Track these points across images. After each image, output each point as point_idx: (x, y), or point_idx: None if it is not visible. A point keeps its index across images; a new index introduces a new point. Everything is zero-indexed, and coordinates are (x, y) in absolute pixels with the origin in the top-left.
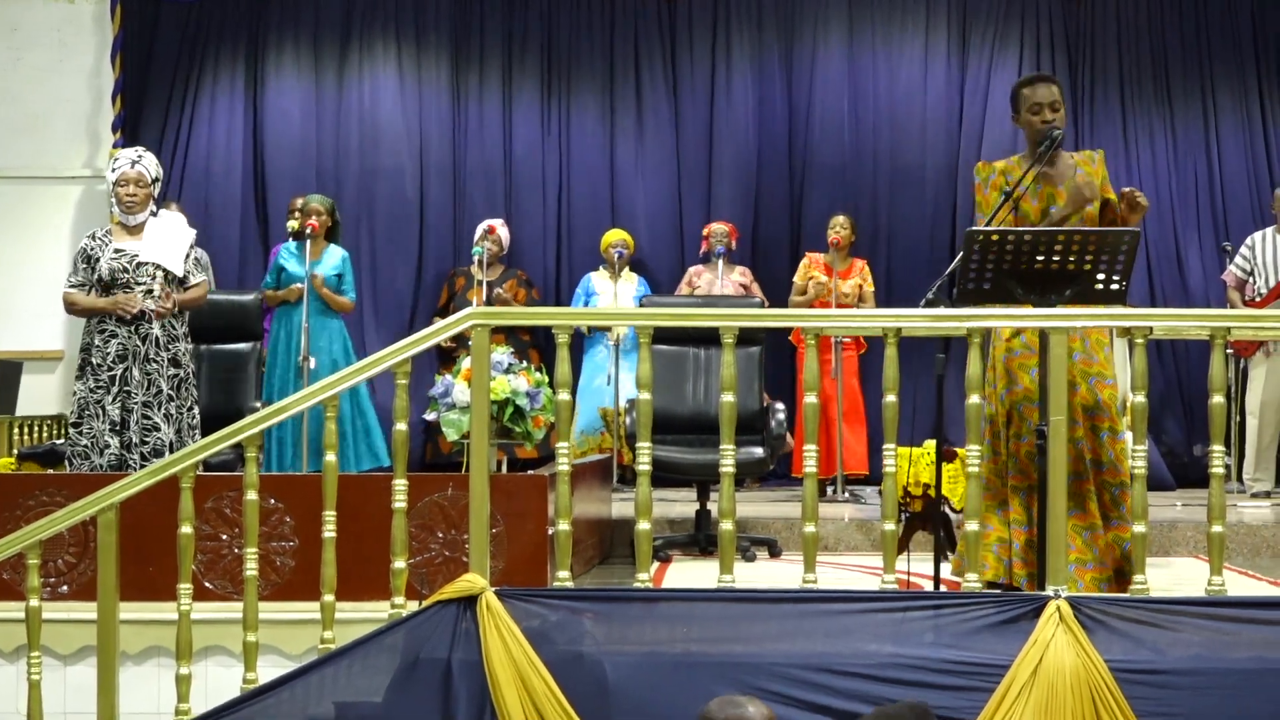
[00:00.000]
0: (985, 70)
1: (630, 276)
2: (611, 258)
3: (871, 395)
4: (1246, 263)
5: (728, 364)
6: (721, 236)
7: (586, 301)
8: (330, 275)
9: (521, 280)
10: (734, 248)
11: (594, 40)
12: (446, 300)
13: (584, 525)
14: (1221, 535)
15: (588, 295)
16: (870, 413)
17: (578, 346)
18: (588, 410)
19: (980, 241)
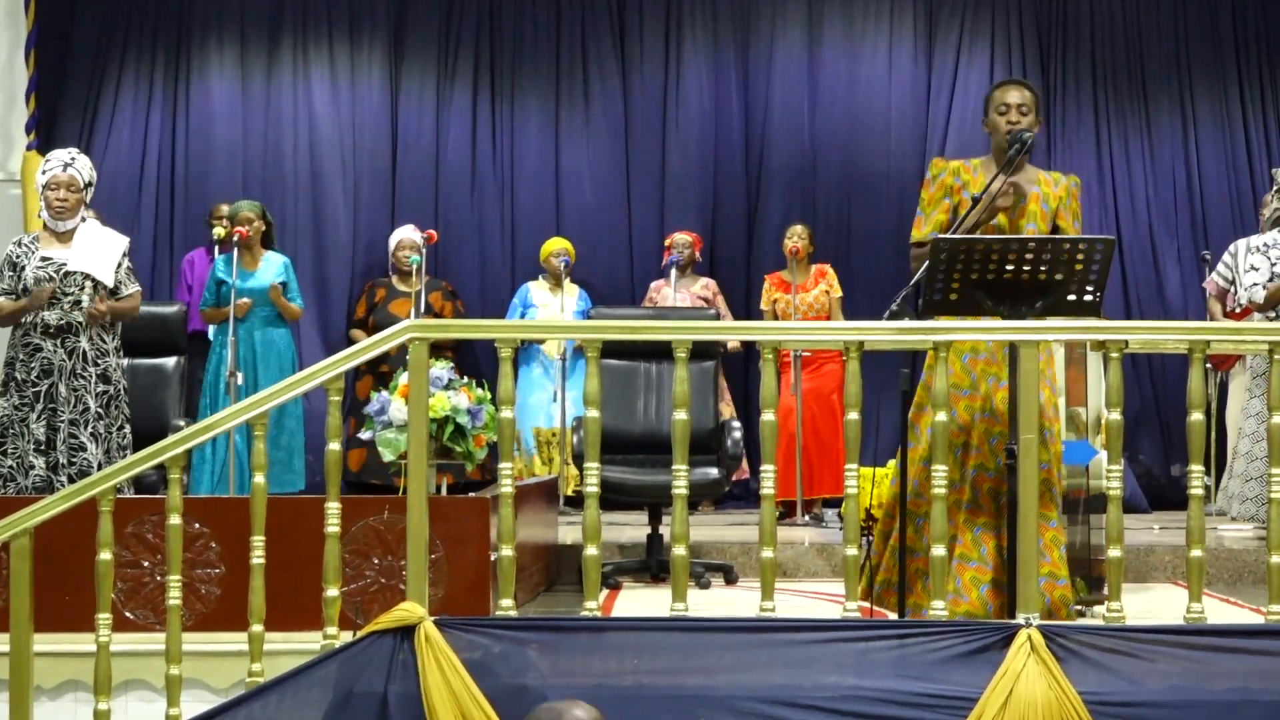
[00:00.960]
0: (953, 69)
1: (571, 288)
2: (554, 268)
3: None
4: (1229, 270)
5: (680, 380)
6: (682, 246)
7: (524, 314)
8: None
9: (447, 292)
10: (698, 259)
11: (539, 36)
12: (365, 312)
13: (529, 550)
14: (1201, 560)
15: (525, 307)
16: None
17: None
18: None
19: (948, 250)
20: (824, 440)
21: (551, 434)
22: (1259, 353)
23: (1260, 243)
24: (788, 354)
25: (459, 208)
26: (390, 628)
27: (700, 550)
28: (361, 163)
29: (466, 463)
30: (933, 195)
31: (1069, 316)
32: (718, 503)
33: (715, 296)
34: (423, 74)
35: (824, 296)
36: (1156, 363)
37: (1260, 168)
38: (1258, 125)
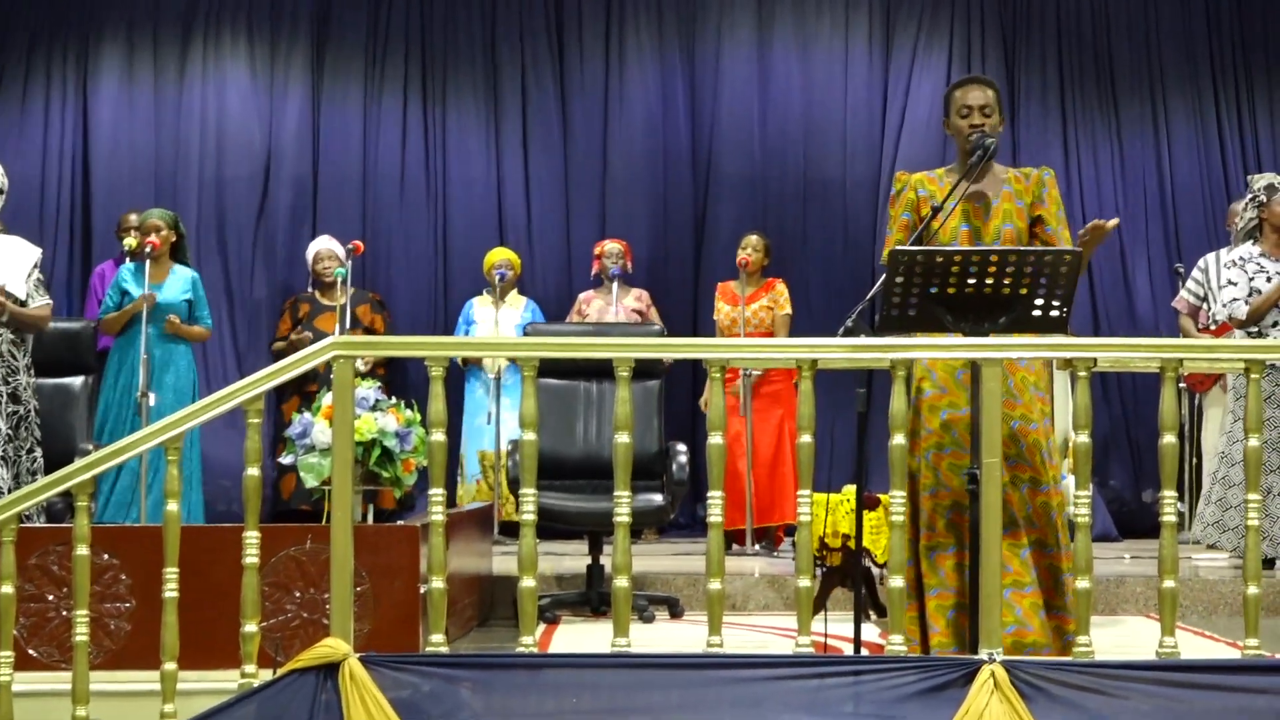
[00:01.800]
0: (910, 70)
1: (516, 301)
2: (494, 280)
3: None
4: (1200, 287)
5: (622, 400)
6: (615, 256)
7: (467, 330)
8: (179, 300)
9: (375, 303)
10: (629, 268)
11: (473, 36)
12: (289, 329)
13: (461, 582)
14: (1174, 591)
15: (468, 323)
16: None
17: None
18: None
19: (905, 263)
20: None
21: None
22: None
23: (1235, 256)
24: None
25: (387, 217)
26: (312, 665)
27: (643, 582)
28: (281, 169)
29: (394, 489)
30: (895, 213)
31: (1034, 333)
32: (662, 531)
33: (648, 309)
34: (347, 74)
35: (766, 311)
36: (1127, 382)
37: (1235, 174)
38: (1232, 129)
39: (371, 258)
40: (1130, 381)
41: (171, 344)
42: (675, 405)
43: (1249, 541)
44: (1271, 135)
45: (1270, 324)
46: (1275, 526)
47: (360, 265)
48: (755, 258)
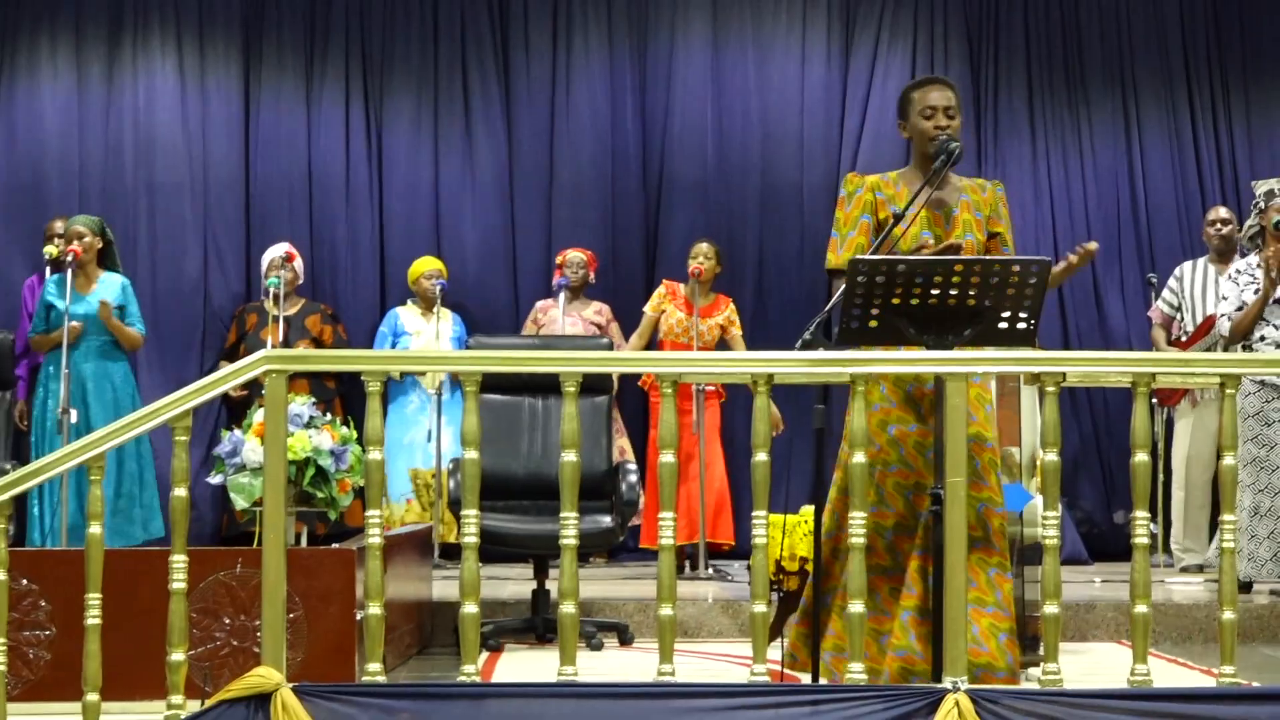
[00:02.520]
0: (872, 73)
1: (444, 313)
2: (426, 290)
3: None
4: (1175, 296)
5: (569, 416)
6: (578, 266)
7: (394, 342)
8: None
9: (327, 315)
10: (593, 280)
11: (412, 34)
12: (236, 340)
13: (399, 608)
14: (1146, 616)
15: (395, 335)
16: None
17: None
18: (398, 474)
19: (865, 272)
20: None
21: (430, 476)
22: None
23: (1233, 270)
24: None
25: (325, 224)
26: (243, 696)
27: (591, 608)
28: (213, 173)
29: (329, 510)
30: (850, 215)
31: (1000, 346)
32: (611, 554)
33: (609, 323)
34: (281, 74)
35: (718, 329)
36: (1097, 398)
37: (1210, 181)
38: (1208, 134)
39: (311, 266)
40: (1101, 397)
41: (107, 361)
42: (626, 422)
43: (1223, 565)
44: (1248, 141)
45: (1257, 338)
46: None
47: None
48: (708, 266)
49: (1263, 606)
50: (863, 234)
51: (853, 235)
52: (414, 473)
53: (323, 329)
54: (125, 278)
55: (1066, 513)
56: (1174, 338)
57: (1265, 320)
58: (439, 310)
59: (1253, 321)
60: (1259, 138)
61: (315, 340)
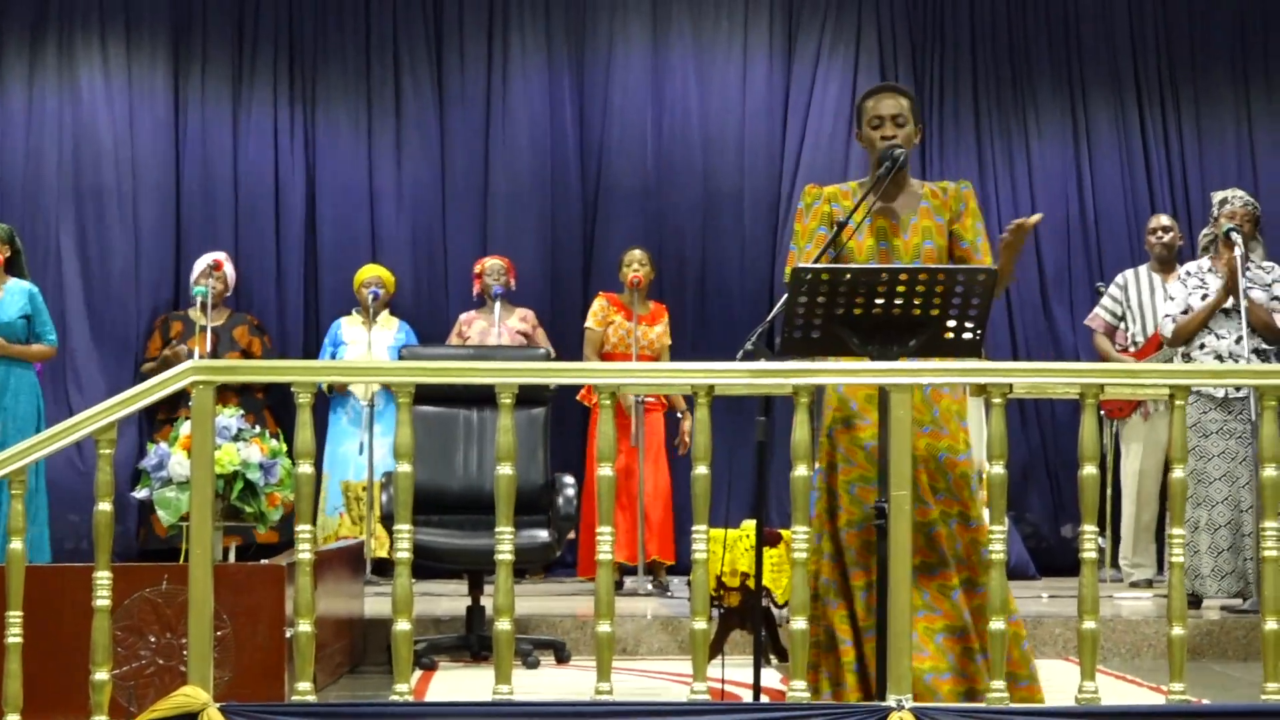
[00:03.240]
0: (814, 76)
1: (389, 322)
2: (365, 299)
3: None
4: (1118, 305)
5: (505, 429)
6: (497, 274)
7: (334, 353)
8: (15, 319)
9: (253, 326)
10: (513, 287)
11: (345, 36)
12: (159, 348)
13: (330, 626)
14: (1094, 633)
15: (335, 345)
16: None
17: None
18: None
19: (809, 281)
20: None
21: (362, 489)
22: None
23: (1183, 271)
24: None
25: (253, 231)
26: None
27: (527, 625)
28: (141, 179)
29: (258, 525)
30: (807, 227)
31: (946, 356)
32: (548, 570)
33: (535, 330)
34: (211, 77)
35: (660, 339)
36: (1045, 409)
37: (1160, 189)
38: (1157, 141)
39: (240, 274)
40: (1049, 409)
41: (15, 367)
42: (563, 434)
43: (1172, 579)
44: (1198, 148)
45: (1197, 346)
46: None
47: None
48: (643, 272)
49: (1213, 622)
50: (819, 246)
51: (809, 248)
52: (345, 485)
53: (251, 340)
54: (34, 286)
55: (1013, 527)
56: (1120, 348)
57: (1209, 329)
58: (378, 319)
59: (1198, 327)
60: (1209, 144)
61: (244, 352)
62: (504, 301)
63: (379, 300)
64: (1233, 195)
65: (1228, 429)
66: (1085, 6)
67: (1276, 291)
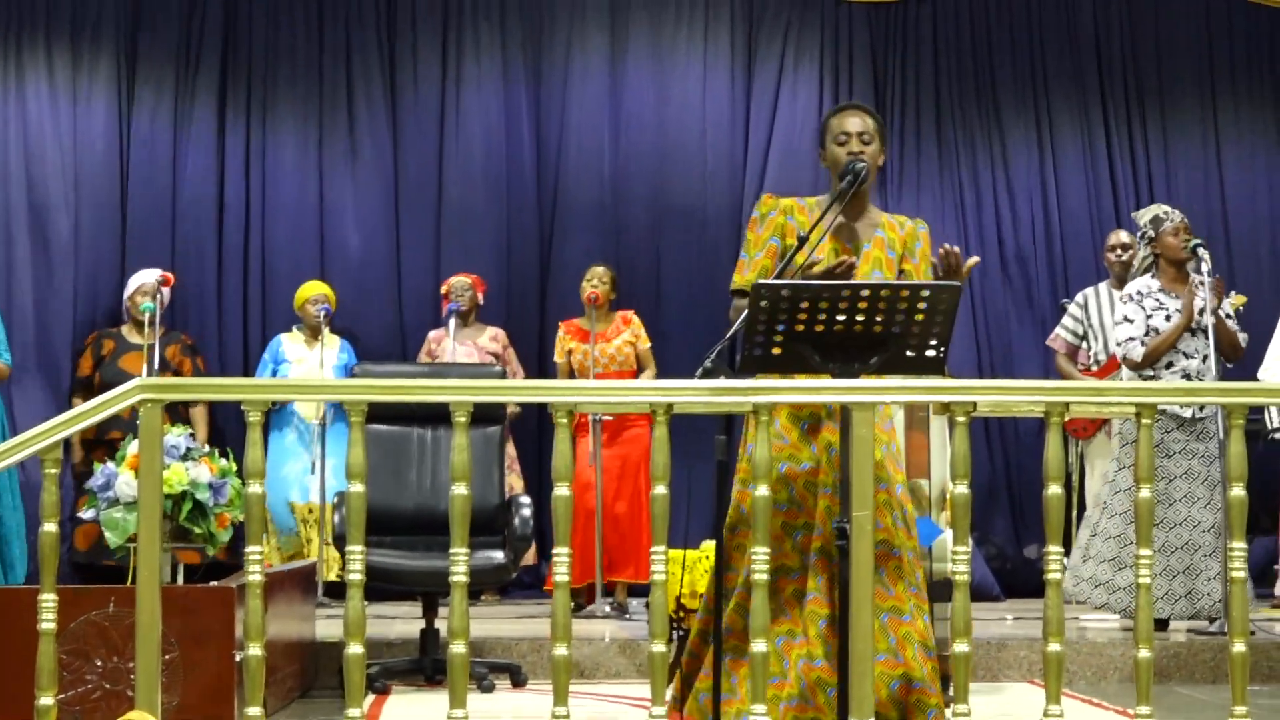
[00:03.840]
0: (775, 90)
1: (331, 340)
2: (311, 317)
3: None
4: (1079, 324)
5: (460, 447)
6: (463, 290)
7: (274, 370)
8: None
9: (186, 346)
10: (480, 303)
11: (296, 45)
12: (91, 370)
13: (281, 649)
14: (1060, 655)
15: (276, 363)
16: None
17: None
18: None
19: (769, 297)
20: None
21: (308, 510)
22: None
23: (1133, 290)
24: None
25: (200, 247)
26: None
27: (483, 647)
28: (86, 192)
29: (207, 546)
30: (760, 237)
31: (909, 374)
32: (503, 591)
33: (505, 349)
34: (159, 87)
35: (628, 347)
36: (1009, 428)
37: (1126, 202)
38: (1123, 153)
39: (182, 291)
40: (1012, 428)
41: None
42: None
43: (1140, 601)
44: (1165, 160)
45: (1164, 365)
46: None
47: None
48: (603, 290)
49: (1179, 645)
50: (769, 257)
51: (759, 257)
52: (292, 506)
53: (182, 360)
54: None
55: (977, 548)
56: (1083, 366)
57: (1175, 348)
58: (324, 337)
59: (1168, 348)
60: (1175, 157)
61: (175, 372)
62: (474, 320)
63: (327, 317)
64: (1165, 212)
65: (1189, 449)
66: (1049, 19)
67: (1226, 308)
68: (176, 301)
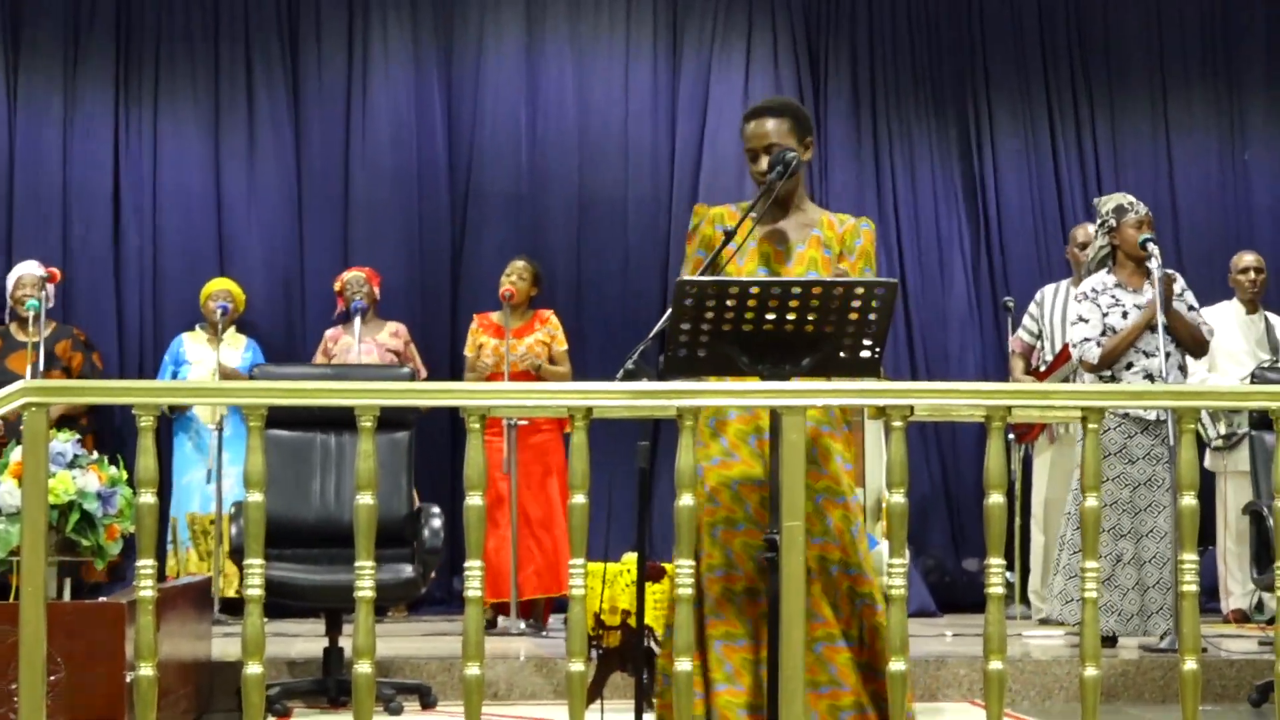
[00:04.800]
0: (709, 73)
1: (236, 340)
2: (212, 315)
3: None
4: (1035, 323)
5: (365, 454)
6: (358, 286)
7: (176, 372)
8: None
9: (79, 341)
10: (377, 297)
11: (190, 27)
12: None
13: (175, 669)
14: (1002, 674)
15: (177, 365)
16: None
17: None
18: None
19: (694, 295)
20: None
21: (209, 521)
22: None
23: (1087, 289)
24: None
25: (89, 239)
26: None
27: (390, 667)
28: None
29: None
30: (691, 250)
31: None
32: (412, 608)
33: (407, 345)
34: (46, 73)
35: (540, 347)
36: (946, 433)
37: (1071, 197)
38: (1068, 144)
39: (72, 287)
40: (950, 433)
41: None
42: (429, 461)
43: (1086, 616)
44: (1113, 151)
45: (1124, 366)
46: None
47: (61, 295)
48: (522, 287)
49: (1128, 662)
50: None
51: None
52: (191, 518)
53: (73, 356)
54: None
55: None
56: (1033, 367)
57: (1135, 348)
58: (225, 336)
59: (1127, 348)
60: (1124, 148)
61: (65, 369)
62: (373, 315)
63: (228, 316)
64: (1129, 202)
65: (1154, 454)
66: (991, 4)
67: (1189, 300)
68: (71, 298)
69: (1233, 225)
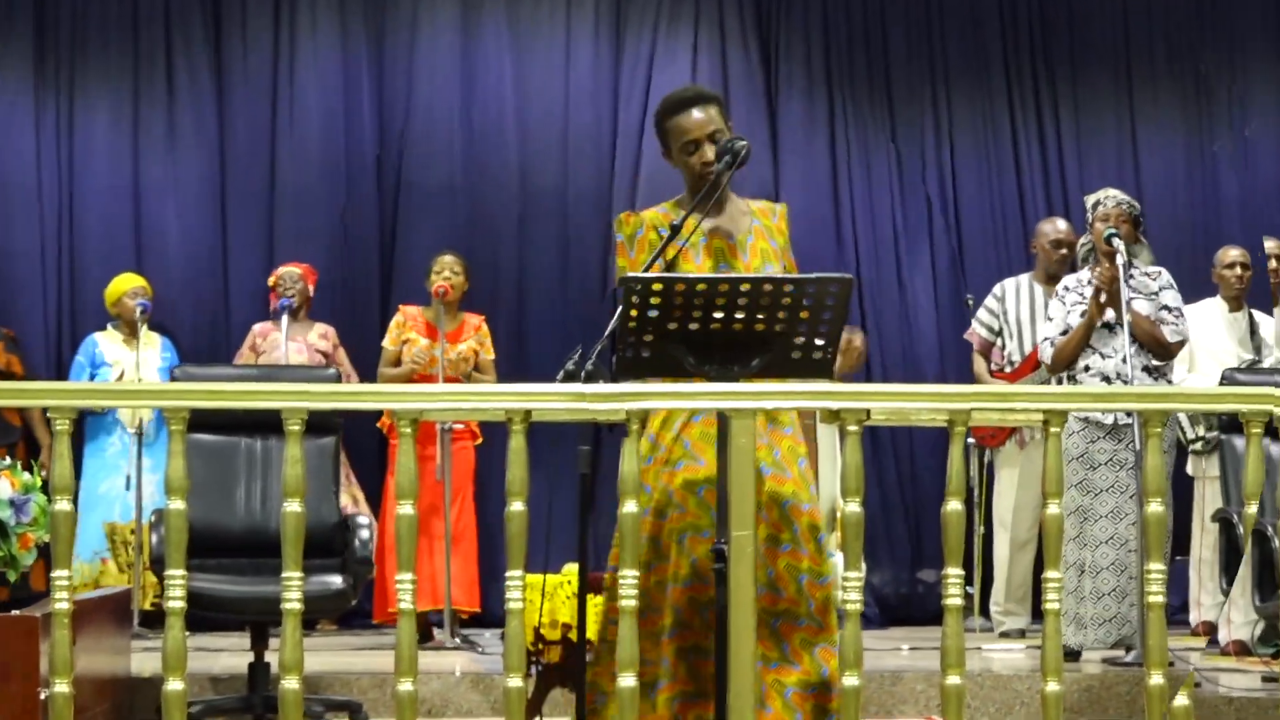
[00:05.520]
0: (648, 63)
1: (152, 339)
2: (128, 312)
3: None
4: (994, 318)
5: (293, 460)
6: (293, 283)
7: (93, 374)
8: None
9: (9, 341)
10: (312, 295)
11: (109, 13)
12: None
13: (92, 685)
14: (960, 689)
15: (95, 366)
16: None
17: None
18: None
19: (639, 293)
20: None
21: (130, 530)
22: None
23: (1061, 286)
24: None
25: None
26: None
27: (319, 683)
28: None
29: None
30: (636, 260)
31: (794, 377)
32: (342, 621)
33: (335, 349)
34: None
35: (473, 354)
36: (903, 438)
37: (1032, 189)
38: (1029, 135)
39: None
40: (907, 437)
41: None
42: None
43: (1047, 629)
44: (1077, 144)
45: (1081, 367)
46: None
47: None
48: (457, 283)
49: (1092, 677)
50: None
51: None
52: (110, 527)
53: (7, 358)
54: None
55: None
56: (995, 368)
57: (1092, 348)
58: (143, 335)
59: (1077, 348)
60: (1088, 140)
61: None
62: (305, 315)
63: (146, 314)
64: (1105, 196)
65: (1117, 459)
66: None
67: (1165, 300)
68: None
69: (1200, 219)
